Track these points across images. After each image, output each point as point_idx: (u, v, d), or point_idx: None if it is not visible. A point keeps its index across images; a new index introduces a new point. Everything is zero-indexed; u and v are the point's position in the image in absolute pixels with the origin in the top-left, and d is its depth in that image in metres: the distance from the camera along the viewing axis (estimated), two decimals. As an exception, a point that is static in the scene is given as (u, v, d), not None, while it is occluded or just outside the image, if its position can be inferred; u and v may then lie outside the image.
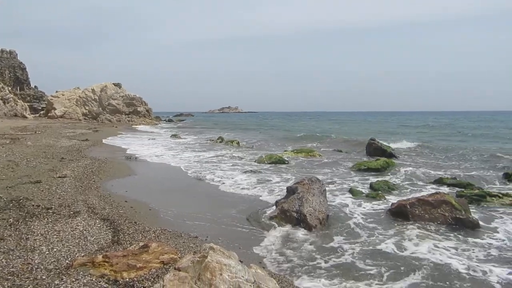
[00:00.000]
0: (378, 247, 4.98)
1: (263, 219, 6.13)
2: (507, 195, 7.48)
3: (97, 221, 5.48)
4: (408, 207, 6.15)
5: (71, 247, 4.40)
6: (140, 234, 5.07)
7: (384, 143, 15.65)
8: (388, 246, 5.00)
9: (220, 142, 21.16)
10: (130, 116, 47.71)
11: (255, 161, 12.94)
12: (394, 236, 5.39)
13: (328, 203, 6.73)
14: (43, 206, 5.97)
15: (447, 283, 3.96)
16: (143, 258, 4.02)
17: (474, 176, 10.36)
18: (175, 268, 3.41)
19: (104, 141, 19.87)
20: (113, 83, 49.70)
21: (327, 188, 7.62)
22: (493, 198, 7.40)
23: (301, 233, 5.53)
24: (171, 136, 25.39)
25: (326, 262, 4.52)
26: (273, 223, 5.91)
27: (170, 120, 61.21)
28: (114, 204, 6.56)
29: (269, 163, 12.30)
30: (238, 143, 20.26)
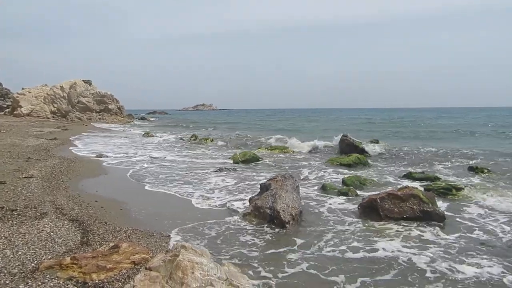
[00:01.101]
0: (348, 244, 5.04)
1: (236, 217, 6.14)
2: (471, 187, 7.80)
3: (66, 222, 5.32)
4: (379, 201, 6.29)
5: (37, 249, 4.26)
6: (111, 235, 4.96)
7: (356, 140, 15.94)
8: (357, 243, 5.08)
9: (194, 140, 20.98)
10: (101, 114, 46.50)
11: (229, 159, 12.91)
12: (364, 232, 5.51)
13: (302, 199, 6.80)
14: (7, 208, 5.74)
15: (414, 278, 4.05)
16: (113, 259, 3.94)
17: (441, 170, 10.73)
18: (146, 268, 3.36)
19: (73, 140, 19.30)
20: (83, 80, 48.25)
21: (300, 184, 7.70)
22: (459, 191, 7.69)
23: (270, 230, 5.56)
24: (143, 135, 24.94)
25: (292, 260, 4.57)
26: (246, 220, 5.93)
27: (143, 118, 60.05)
28: (83, 205, 6.39)
29: (243, 161, 12.30)
30: (212, 140, 20.16)
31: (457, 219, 6.10)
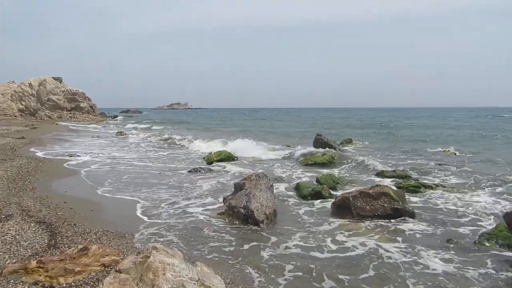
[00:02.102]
0: (323, 242, 5.12)
1: (212, 216, 6.10)
2: (439, 185, 8.06)
3: (32, 224, 5.14)
4: (351, 199, 6.39)
5: (1, 253, 4.09)
6: (80, 237, 4.82)
7: (331, 139, 16.17)
8: (331, 241, 5.16)
9: (167, 139, 20.69)
10: (72, 112, 45.19)
11: (204, 158, 12.82)
12: (338, 230, 5.60)
13: (276, 198, 6.84)
14: (-31, 211, 5.50)
15: (388, 274, 4.16)
16: (82, 262, 3.83)
17: (411, 169, 11.00)
18: (116, 270, 3.29)
19: (42, 139, 18.66)
20: (53, 77, 46.73)
21: (275, 183, 7.74)
22: (427, 188, 7.93)
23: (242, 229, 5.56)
24: (116, 134, 24.40)
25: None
26: (220, 219, 5.91)
27: (116, 117, 58.74)
28: (51, 206, 6.18)
29: (218, 160, 12.23)
30: (185, 139, 19.93)
31: (426, 216, 6.27)
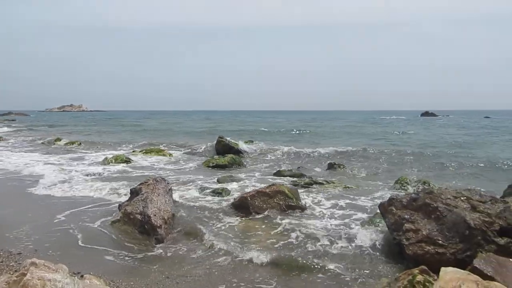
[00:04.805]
0: (223, 240, 5.23)
1: (106, 225, 5.77)
2: (328, 182, 8.82)
3: None
4: (249, 199, 6.61)
5: None
6: None
7: (232, 141, 16.44)
8: (233, 238, 5.33)
9: (59, 143, 18.94)
10: None
11: (100, 163, 12.03)
12: (238, 228, 5.78)
13: (176, 201, 6.75)
14: None
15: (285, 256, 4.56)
16: None
17: (307, 168, 11.81)
18: (-16, 294, 2.91)
19: None
20: None
21: (174, 187, 7.62)
22: (319, 185, 8.61)
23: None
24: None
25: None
26: (115, 228, 5.62)
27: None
28: None
29: (116, 164, 11.60)
30: (80, 144, 18.49)
31: (317, 209, 6.79)
